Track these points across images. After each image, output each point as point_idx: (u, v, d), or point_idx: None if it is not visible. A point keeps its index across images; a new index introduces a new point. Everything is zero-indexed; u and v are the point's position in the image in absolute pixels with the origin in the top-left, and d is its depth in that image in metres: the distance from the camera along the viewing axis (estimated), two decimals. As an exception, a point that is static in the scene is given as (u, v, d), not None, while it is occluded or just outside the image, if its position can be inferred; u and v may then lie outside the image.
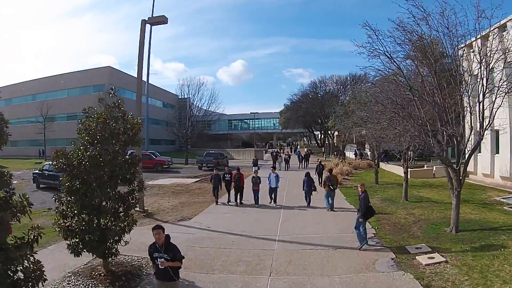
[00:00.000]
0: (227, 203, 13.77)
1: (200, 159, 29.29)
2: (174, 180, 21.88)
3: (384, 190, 16.38)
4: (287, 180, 20.89)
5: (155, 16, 12.56)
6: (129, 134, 6.76)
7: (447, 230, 9.77)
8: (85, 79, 53.49)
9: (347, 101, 29.76)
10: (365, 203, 8.77)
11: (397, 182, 19.10)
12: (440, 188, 17.24)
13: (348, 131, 26.18)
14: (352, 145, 40.59)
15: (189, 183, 20.02)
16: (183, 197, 15.30)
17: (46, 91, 56.00)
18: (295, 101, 50.65)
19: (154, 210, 12.74)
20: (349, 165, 24.42)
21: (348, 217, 11.05)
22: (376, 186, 17.53)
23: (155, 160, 28.01)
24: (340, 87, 40.99)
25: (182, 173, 26.61)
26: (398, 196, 14.66)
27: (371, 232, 9.56)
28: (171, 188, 18.07)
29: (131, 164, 6.63)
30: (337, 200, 13.93)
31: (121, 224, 6.80)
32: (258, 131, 73.47)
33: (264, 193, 13.78)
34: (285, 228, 9.94)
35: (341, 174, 19.99)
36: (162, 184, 19.94)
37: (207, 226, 10.33)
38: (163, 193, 16.59)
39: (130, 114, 6.92)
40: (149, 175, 24.71)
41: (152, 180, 21.86)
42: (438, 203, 13.46)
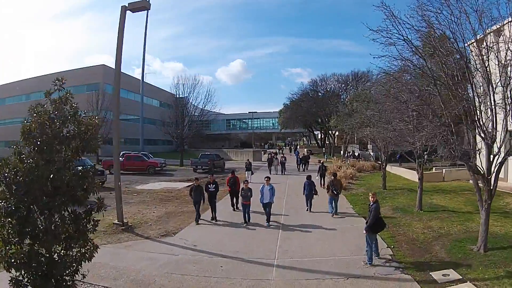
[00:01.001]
0: (212, 221, 11.20)
1: (194, 161, 27.75)
2: (165, 184, 20.34)
3: (394, 197, 14.86)
4: (287, 184, 19.39)
5: (136, 1, 10.98)
6: (82, 138, 5.22)
7: (474, 248, 8.34)
8: (79, 78, 52.14)
9: (350, 100, 28.26)
10: (375, 214, 7.68)
11: (406, 187, 17.60)
12: (453, 194, 15.82)
13: (352, 131, 24.70)
14: (354, 145, 39.16)
15: (181, 188, 18.46)
16: (171, 206, 13.75)
17: (40, 90, 54.41)
18: (295, 100, 49.10)
19: (136, 223, 11.19)
20: (353, 168, 22.89)
21: (358, 232, 9.54)
22: (384, 192, 16.01)
23: (148, 162, 26.44)
24: (342, 85, 39.49)
25: (175, 176, 25.06)
26: (411, 205, 13.17)
27: (388, 254, 8.05)
28: (160, 194, 16.52)
29: (82, 178, 5.09)
30: (344, 210, 12.48)
31: (76, 253, 5.29)
32: (256, 131, 71.96)
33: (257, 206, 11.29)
34: (285, 249, 8.39)
35: (345, 178, 18.47)
36: (151, 189, 18.39)
37: (193, 245, 8.80)
38: (150, 200, 15.04)
39: (84, 113, 5.36)
40: (140, 179, 23.21)
41: (141, 184, 20.32)
42: (455, 213, 12.04)
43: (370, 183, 19.19)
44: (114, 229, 10.49)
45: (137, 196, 16.06)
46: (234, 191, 12.62)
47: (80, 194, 5.05)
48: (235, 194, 12.66)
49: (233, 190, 12.62)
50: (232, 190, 12.65)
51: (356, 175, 21.55)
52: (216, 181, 12.12)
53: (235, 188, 12.58)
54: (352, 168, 22.09)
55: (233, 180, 12.84)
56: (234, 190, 12.58)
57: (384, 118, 13.30)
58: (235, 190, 12.58)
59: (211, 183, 11.70)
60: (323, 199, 12.77)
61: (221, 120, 73.23)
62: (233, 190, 12.63)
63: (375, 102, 19.83)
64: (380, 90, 15.06)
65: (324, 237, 9.22)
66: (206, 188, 11.58)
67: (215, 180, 12.01)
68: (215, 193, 11.68)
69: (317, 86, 44.45)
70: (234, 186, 12.65)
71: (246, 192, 10.95)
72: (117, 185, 10.73)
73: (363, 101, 20.17)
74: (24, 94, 56.89)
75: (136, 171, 26.18)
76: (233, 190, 12.62)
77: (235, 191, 12.60)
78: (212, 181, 11.78)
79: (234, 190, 12.61)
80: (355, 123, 20.35)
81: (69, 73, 53.79)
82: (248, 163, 21.13)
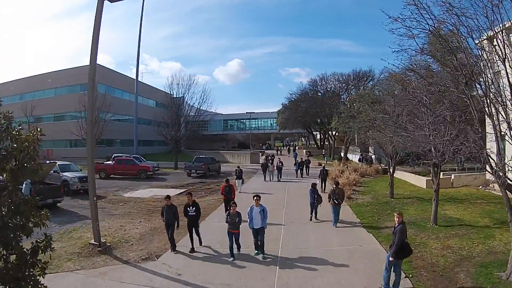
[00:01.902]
0: (190, 253, 8.76)
1: (188, 165, 26.29)
2: (155, 191, 19.01)
3: (403, 208, 13.60)
4: (286, 191, 18.07)
5: (115, -9, 9.67)
6: (19, 157, 3.91)
7: (503, 276, 7.25)
8: (72, 78, 50.99)
9: (352, 99, 26.98)
10: (401, 237, 6.57)
11: (414, 194, 16.39)
12: (466, 204, 14.63)
13: (355, 133, 23.45)
14: (355, 147, 37.93)
15: (172, 195, 17.09)
16: (158, 219, 12.36)
17: (34, 90, 53.62)
18: (294, 100, 47.74)
19: (115, 242, 9.87)
20: (355, 172, 21.64)
21: (368, 255, 8.29)
22: (392, 201, 14.75)
23: (139, 167, 25.07)
24: (343, 85, 38.21)
25: (167, 181, 23.73)
26: (424, 218, 11.93)
27: (408, 286, 6.80)
28: (148, 204, 15.22)
29: (15, 213, 3.77)
30: (350, 224, 11.22)
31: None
32: (254, 131, 70.63)
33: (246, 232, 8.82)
34: (286, 282, 7.10)
35: (348, 185, 17.20)
36: (139, 197, 17.07)
37: (177, 273, 7.50)
38: (136, 212, 13.73)
39: (19, 127, 4.01)
40: (131, 184, 21.88)
41: (130, 191, 19.00)
42: (473, 227, 10.85)
43: (375, 189, 17.93)
44: (90, 250, 9.18)
45: (123, 207, 14.75)
46: (229, 200, 11.69)
47: (15, 234, 3.73)
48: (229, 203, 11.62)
49: (228, 198, 12.02)
50: (227, 198, 12.10)
51: (360, 180, 20.29)
52: (197, 202, 9.39)
53: (230, 197, 12.02)
54: (355, 173, 20.82)
55: (228, 188, 12.40)
56: (229, 198, 11.93)
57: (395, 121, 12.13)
58: (229, 198, 11.91)
59: (190, 205, 9.04)
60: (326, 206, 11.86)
61: (218, 121, 71.85)
62: (227, 198, 12.06)
63: (381, 103, 18.68)
64: (390, 90, 13.87)
65: (330, 264, 7.92)
66: (185, 212, 9.13)
67: (195, 202, 9.29)
68: (196, 218, 9.10)
69: (316, 86, 43.14)
70: (229, 194, 12.20)
71: (233, 218, 8.23)
72: (92, 201, 9.40)
73: (369, 102, 18.88)
74: (17, 94, 55.51)
75: (127, 175, 24.83)
76: (228, 198, 12.02)
77: (230, 200, 11.76)
78: (192, 202, 9.09)
79: (228, 198, 11.99)
80: (360, 126, 19.07)
81: (63, 72, 52.35)
82: (239, 170, 18.84)
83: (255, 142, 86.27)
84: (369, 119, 16.72)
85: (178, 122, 31.14)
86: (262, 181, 22.37)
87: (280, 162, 23.39)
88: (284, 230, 10.60)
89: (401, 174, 22.67)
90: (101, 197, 17.23)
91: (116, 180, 23.80)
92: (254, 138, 76.46)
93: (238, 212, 8.38)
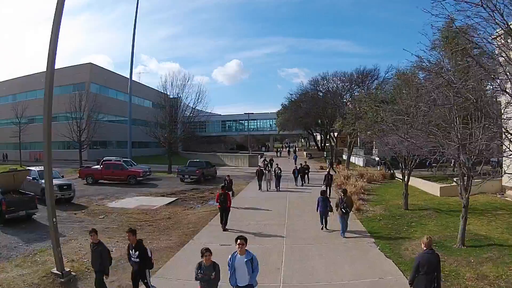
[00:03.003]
0: None
1: (181, 170, 24.50)
2: (142, 200, 17.34)
3: (421, 222, 11.97)
4: (287, 201, 16.37)
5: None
6: None
7: None
8: (65, 77, 49.37)
9: (358, 99, 25.30)
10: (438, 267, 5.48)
11: (430, 205, 14.77)
12: (487, 216, 13.07)
13: (362, 135, 21.83)
14: (359, 149, 36.32)
15: (160, 205, 15.51)
16: (138, 237, 10.66)
17: (26, 90, 52.22)
18: (294, 100, 45.98)
19: (83, 270, 8.21)
20: (362, 178, 19.98)
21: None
22: (408, 214, 13.09)
23: (128, 172, 23.36)
24: (345, 84, 36.51)
25: (159, 187, 22.07)
26: (448, 236, 10.30)
27: None
28: (131, 217, 13.57)
29: None
30: (364, 245, 9.54)
31: None
32: (253, 133, 68.95)
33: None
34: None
35: (356, 194, 15.57)
36: (124, 207, 15.41)
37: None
38: (116, 227, 12.05)
39: None
40: (118, 191, 20.23)
41: (115, 201, 17.32)
42: (504, 247, 9.27)
43: (385, 199, 16.27)
44: (51, 282, 7.55)
45: (102, 220, 13.09)
46: (225, 209, 11.46)
47: None
48: (224, 212, 11.48)
49: (223, 207, 11.40)
50: (222, 207, 11.42)
51: (366, 187, 18.63)
52: (143, 245, 6.44)
53: (225, 206, 11.40)
54: (362, 180, 19.15)
55: (223, 196, 11.56)
56: (225, 207, 11.41)
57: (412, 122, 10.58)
58: (225, 207, 11.42)
59: (133, 247, 6.30)
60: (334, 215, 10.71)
61: (216, 122, 70.28)
62: (223, 207, 11.41)
63: (390, 102, 17.12)
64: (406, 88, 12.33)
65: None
66: (128, 256, 6.51)
67: (140, 243, 6.36)
68: (143, 266, 6.30)
69: (318, 86, 41.38)
70: (224, 203, 11.45)
71: (207, 272, 5.32)
72: (51, 223, 7.73)
73: (378, 101, 17.33)
74: (10, 94, 54.03)
75: (116, 181, 23.18)
76: (223, 207, 11.40)
77: (225, 208, 11.45)
78: (135, 243, 6.29)
79: (224, 207, 11.41)
80: (367, 127, 17.49)
81: (56, 72, 50.54)
82: (228, 180, 16.39)
83: (254, 144, 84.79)
84: (380, 119, 15.17)
85: (172, 123, 29.41)
86: (257, 190, 19.79)
87: (279, 168, 20.38)
88: (286, 255, 8.87)
89: (412, 180, 20.98)
90: (82, 208, 15.64)
91: (104, 186, 22.17)
92: (253, 140, 74.85)
93: (214, 263, 5.41)
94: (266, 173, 19.90)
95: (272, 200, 16.38)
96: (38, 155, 50.13)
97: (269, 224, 11.79)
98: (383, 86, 26.21)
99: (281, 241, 9.90)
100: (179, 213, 13.78)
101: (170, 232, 11.04)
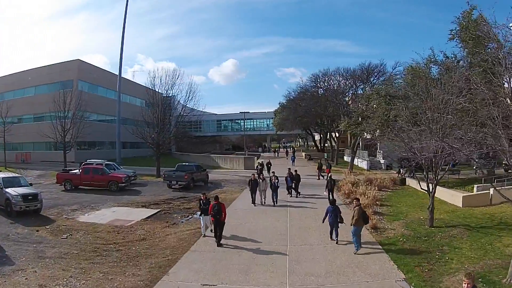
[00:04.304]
0: None
1: (168, 174, 21.74)
2: (120, 211, 14.92)
3: (453, 244, 9.69)
4: (287, 217, 13.93)
5: None
6: None
7: None
8: (53, 75, 47.14)
9: (367, 97, 23.00)
10: None
11: (456, 219, 12.50)
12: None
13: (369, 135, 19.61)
14: (362, 151, 34.09)
15: (137, 221, 13.08)
16: (101, 269, 8.31)
17: (14, 89, 49.69)
18: (293, 98, 43.48)
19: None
20: (371, 185, 17.63)
21: None
22: (434, 232, 10.78)
23: (108, 177, 20.84)
24: (348, 81, 34.14)
25: (143, 194, 19.63)
26: (491, 265, 8.08)
27: None
28: (100, 236, 11.16)
29: None
30: (390, 282, 7.31)
31: None
32: (250, 132, 66.53)
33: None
34: None
35: (370, 207, 13.28)
36: (95, 222, 12.98)
37: None
38: (77, 253, 9.64)
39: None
40: (96, 199, 17.80)
41: (89, 212, 14.90)
42: None
43: (401, 211, 13.95)
44: None
45: (64, 241, 10.66)
46: (218, 222, 10.18)
47: None
48: (218, 226, 10.21)
49: (217, 220, 10.16)
50: (216, 219, 10.17)
51: (377, 196, 16.32)
52: None
53: (219, 218, 10.14)
54: (373, 187, 16.77)
55: (218, 208, 10.19)
56: (218, 220, 10.15)
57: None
58: (219, 220, 10.15)
59: None
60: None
61: (211, 121, 67.76)
62: (217, 220, 10.17)
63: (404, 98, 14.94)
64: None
65: None
66: None
67: None
68: None
69: (318, 82, 38.85)
70: (218, 215, 10.14)
71: None
72: None
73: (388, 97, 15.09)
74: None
75: (96, 187, 20.74)
76: (217, 220, 10.16)
77: (219, 221, 10.16)
78: None
79: (218, 220, 10.16)
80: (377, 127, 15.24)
81: (43, 70, 47.98)
82: (204, 200, 10.89)
83: (251, 144, 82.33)
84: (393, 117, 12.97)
85: (160, 122, 26.93)
86: (250, 204, 15.71)
87: (276, 177, 16.03)
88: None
89: (423, 186, 18.76)
90: (48, 222, 13.29)
91: (82, 193, 19.72)
92: (249, 140, 72.49)
93: None
94: (260, 182, 15.91)
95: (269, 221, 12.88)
96: (24, 156, 47.69)
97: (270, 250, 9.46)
98: (394, 80, 23.92)
99: (284, 280, 7.54)
100: (157, 232, 11.38)
101: (140, 262, 8.65)
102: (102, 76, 51.16)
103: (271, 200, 15.78)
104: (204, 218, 10.85)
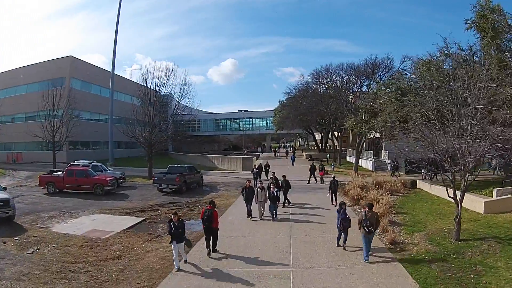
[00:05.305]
0: None
1: (158, 177, 19.78)
2: (100, 219, 13.28)
3: (487, 263, 8.06)
4: (290, 237, 12.25)
5: None
6: None
7: None
8: (44, 72, 45.50)
9: (376, 92, 21.39)
10: None
11: (480, 229, 10.89)
12: None
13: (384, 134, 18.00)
14: (367, 151, 32.48)
15: (116, 232, 11.42)
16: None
17: (6, 87, 48.10)
18: (293, 96, 41.74)
19: None
20: (382, 189, 16.01)
21: None
22: (463, 247, 9.12)
23: (93, 179, 19.17)
24: (352, 77, 32.45)
25: (130, 199, 18.00)
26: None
27: None
28: (70, 251, 9.53)
29: None
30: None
31: None
32: (249, 132, 64.80)
33: None
34: None
35: (385, 216, 11.63)
36: (69, 234, 11.33)
37: None
38: (38, 274, 8.00)
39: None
40: (79, 205, 16.20)
41: (66, 221, 13.28)
42: None
43: (419, 220, 12.27)
44: None
45: (28, 258, 9.00)
46: (210, 229, 9.16)
47: None
48: (211, 234, 9.22)
49: (208, 227, 9.13)
50: (207, 227, 9.13)
51: (389, 201, 14.68)
52: None
53: (210, 225, 9.11)
54: (384, 191, 15.16)
55: (210, 213, 9.12)
56: (210, 227, 9.13)
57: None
58: (210, 227, 9.13)
59: None
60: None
61: (209, 120, 66.04)
62: (207, 227, 9.13)
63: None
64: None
65: None
66: None
67: None
68: None
69: (320, 79, 37.09)
70: (208, 222, 9.09)
71: None
72: None
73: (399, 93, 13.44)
74: (-11, 91, 49.79)
75: (80, 190, 19.13)
76: (208, 227, 9.13)
77: (211, 228, 9.15)
78: None
79: (209, 227, 9.13)
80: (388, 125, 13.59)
81: (35, 67, 46.36)
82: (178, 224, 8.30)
83: (250, 144, 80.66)
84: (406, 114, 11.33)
85: (152, 120, 25.27)
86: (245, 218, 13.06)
87: (274, 185, 13.75)
88: None
89: (437, 190, 17.18)
90: (19, 232, 11.70)
91: (65, 198, 18.11)
92: (248, 140, 70.79)
93: None
94: (259, 192, 13.00)
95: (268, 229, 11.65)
96: (15, 156, 46.24)
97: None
98: (404, 74, 22.34)
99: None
100: (136, 248, 9.73)
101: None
102: (96, 74, 49.51)
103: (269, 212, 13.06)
104: (177, 245, 8.06)
